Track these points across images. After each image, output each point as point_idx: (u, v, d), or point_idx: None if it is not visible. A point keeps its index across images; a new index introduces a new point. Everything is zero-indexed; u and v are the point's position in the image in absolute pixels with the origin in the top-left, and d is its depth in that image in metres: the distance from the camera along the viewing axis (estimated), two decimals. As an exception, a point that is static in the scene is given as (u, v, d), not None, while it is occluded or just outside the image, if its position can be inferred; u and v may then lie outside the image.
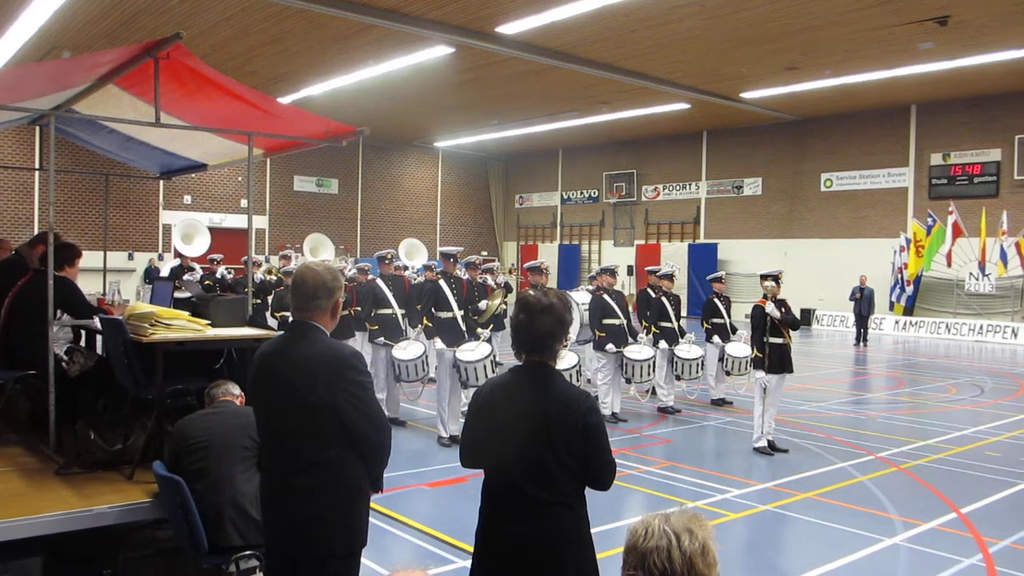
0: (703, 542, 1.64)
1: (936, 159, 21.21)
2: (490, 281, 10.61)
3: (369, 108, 20.80)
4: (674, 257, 24.98)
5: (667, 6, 13.32)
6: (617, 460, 2.85)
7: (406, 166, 29.80)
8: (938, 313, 21.11)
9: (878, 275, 20.66)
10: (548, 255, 28.90)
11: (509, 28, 14.46)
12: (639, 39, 15.22)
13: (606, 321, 9.34)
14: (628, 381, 9.53)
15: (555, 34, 14.85)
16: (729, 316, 10.55)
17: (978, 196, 20.17)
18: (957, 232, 19.64)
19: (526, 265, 9.77)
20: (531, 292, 2.90)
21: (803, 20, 14.00)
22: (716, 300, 10.57)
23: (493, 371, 7.85)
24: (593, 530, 2.81)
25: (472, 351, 8.13)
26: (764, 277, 8.29)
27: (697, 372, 9.93)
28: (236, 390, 3.79)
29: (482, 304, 9.40)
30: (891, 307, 21.37)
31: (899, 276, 21.07)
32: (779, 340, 7.92)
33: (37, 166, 21.26)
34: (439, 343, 8.25)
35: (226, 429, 3.49)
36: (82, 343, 5.57)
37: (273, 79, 18.08)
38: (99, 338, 5.15)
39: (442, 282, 8.59)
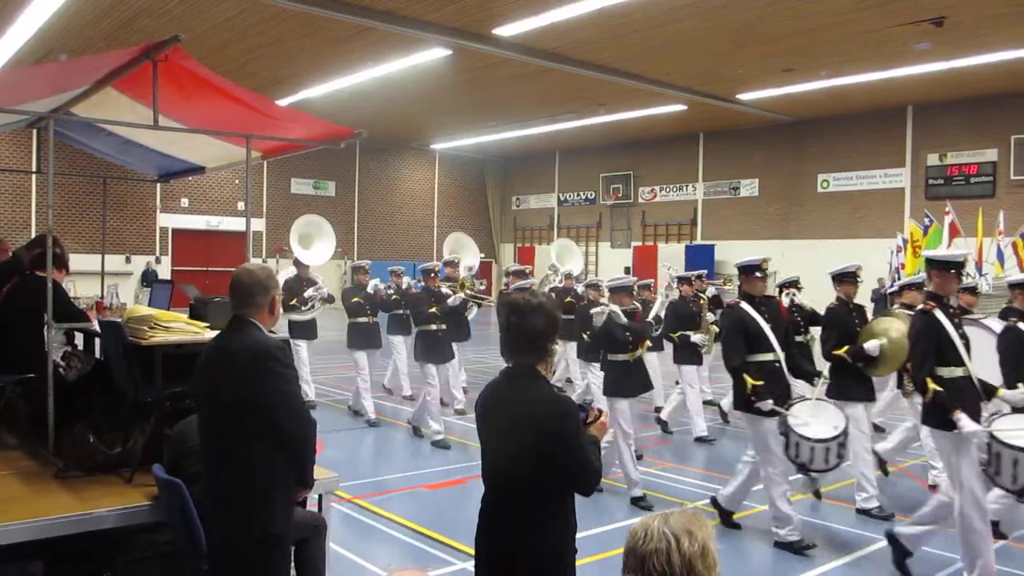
0: (703, 544, 1.64)
1: (933, 160, 21.23)
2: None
3: (366, 110, 20.78)
4: (671, 259, 24.96)
5: (664, 8, 13.32)
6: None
7: (403, 168, 29.78)
8: (935, 313, 21.08)
9: (875, 276, 20.67)
10: (545, 257, 28.76)
11: (506, 30, 14.47)
12: (636, 41, 15.23)
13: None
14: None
15: (552, 36, 14.85)
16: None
17: (975, 196, 20.17)
18: (954, 232, 19.62)
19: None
20: (517, 294, 2.87)
21: (800, 22, 14.02)
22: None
23: (840, 455, 5.38)
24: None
25: (816, 423, 5.25)
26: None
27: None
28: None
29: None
30: (889, 307, 21.38)
31: (896, 276, 21.07)
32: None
33: (35, 169, 21.24)
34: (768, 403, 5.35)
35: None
36: (79, 347, 5.56)
37: (271, 81, 18.06)
38: (97, 341, 5.15)
39: (745, 305, 5.62)
